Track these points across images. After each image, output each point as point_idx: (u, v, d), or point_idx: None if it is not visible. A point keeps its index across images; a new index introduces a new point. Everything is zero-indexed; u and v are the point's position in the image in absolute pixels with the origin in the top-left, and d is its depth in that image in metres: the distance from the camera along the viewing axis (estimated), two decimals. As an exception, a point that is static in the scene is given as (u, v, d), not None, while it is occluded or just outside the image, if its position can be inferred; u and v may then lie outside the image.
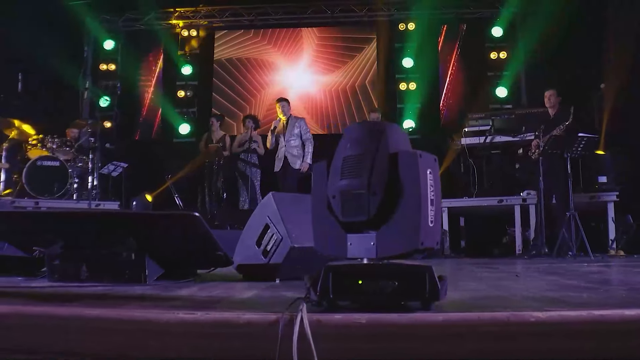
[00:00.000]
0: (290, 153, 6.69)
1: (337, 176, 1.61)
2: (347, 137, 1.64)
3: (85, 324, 1.37)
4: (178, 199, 7.94)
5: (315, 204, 1.67)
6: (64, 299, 1.71)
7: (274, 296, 1.83)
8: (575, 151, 4.90)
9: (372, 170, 1.54)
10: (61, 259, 2.25)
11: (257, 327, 1.35)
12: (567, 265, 3.75)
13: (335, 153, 1.66)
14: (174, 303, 1.66)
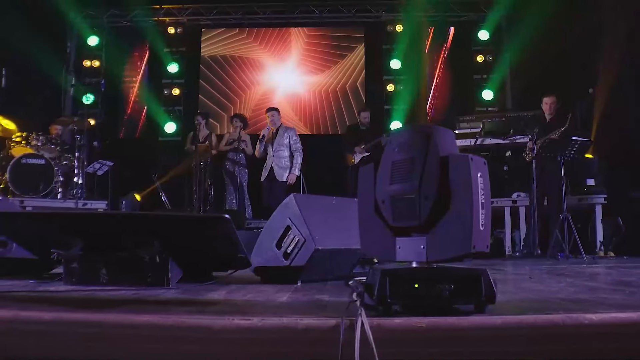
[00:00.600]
0: (277, 164, 6.58)
1: (386, 181, 1.61)
2: (395, 142, 1.64)
3: (137, 331, 1.33)
4: (165, 198, 7.81)
5: (362, 207, 1.66)
6: (104, 305, 1.66)
7: (312, 300, 1.81)
8: (568, 154, 5.01)
9: (423, 175, 1.54)
10: (80, 261, 2.18)
11: (316, 332, 1.33)
12: (567, 266, 3.83)
13: (382, 157, 1.66)
14: (215, 308, 1.63)
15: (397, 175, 1.59)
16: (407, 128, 1.66)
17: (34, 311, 1.39)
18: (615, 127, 5.67)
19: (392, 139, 1.65)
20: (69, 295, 1.86)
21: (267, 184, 6.62)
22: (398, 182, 1.58)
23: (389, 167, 1.62)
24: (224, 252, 2.20)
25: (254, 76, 9.58)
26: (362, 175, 1.68)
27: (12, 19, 7.37)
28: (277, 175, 6.57)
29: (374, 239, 1.64)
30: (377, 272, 1.44)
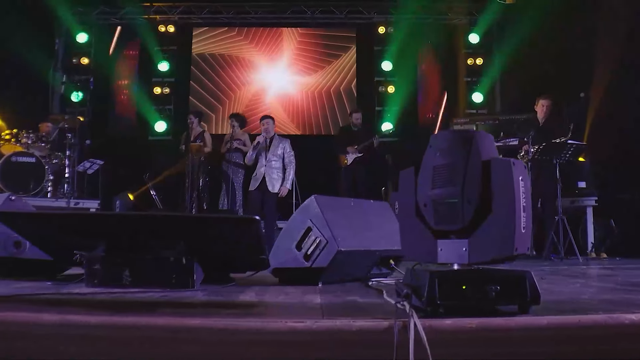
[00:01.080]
0: (270, 175, 6.34)
1: (427, 185, 1.63)
2: (435, 146, 1.66)
3: (190, 334, 1.33)
4: (156, 197, 7.73)
5: (403, 210, 1.68)
6: (145, 308, 1.65)
7: (346, 302, 1.82)
8: (564, 157, 5.12)
9: (465, 179, 1.57)
10: (102, 263, 2.15)
11: (370, 334, 1.35)
12: (568, 267, 3.91)
13: (422, 161, 1.68)
14: (258, 310, 1.63)
15: (439, 179, 1.62)
16: (448, 133, 1.68)
17: (81, 315, 1.38)
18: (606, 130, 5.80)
19: (432, 143, 1.67)
20: (101, 298, 1.84)
21: (257, 194, 6.34)
22: (440, 186, 1.61)
23: (430, 172, 1.64)
24: (248, 254, 2.20)
25: (245, 75, 9.55)
26: (403, 178, 1.70)
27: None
28: (269, 186, 6.32)
29: (414, 241, 1.66)
30: (425, 275, 1.46)
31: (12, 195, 2.62)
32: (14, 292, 1.97)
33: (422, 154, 6.42)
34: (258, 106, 9.39)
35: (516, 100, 8.33)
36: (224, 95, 9.51)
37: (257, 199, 6.31)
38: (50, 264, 2.59)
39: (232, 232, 1.99)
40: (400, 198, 1.71)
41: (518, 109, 7.68)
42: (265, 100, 9.41)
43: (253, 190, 6.37)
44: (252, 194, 6.39)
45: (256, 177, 6.43)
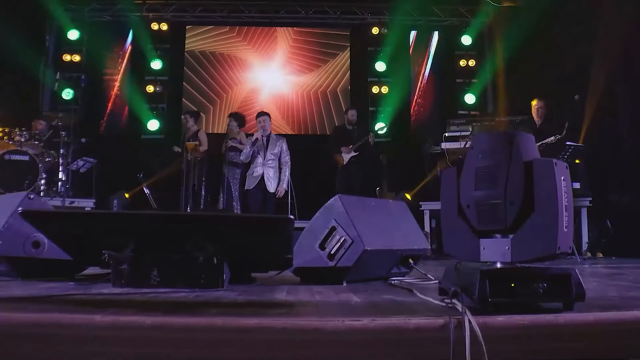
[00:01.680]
0: (267, 174, 6.27)
1: (470, 186, 1.66)
2: (477, 148, 1.69)
3: (247, 335, 1.33)
4: (151, 197, 7.66)
5: (446, 209, 1.71)
6: (191, 308, 1.65)
7: (385, 300, 1.84)
8: (562, 158, 5.22)
9: (508, 181, 1.61)
10: (130, 263, 2.13)
11: (427, 331, 1.37)
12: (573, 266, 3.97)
13: (464, 163, 1.71)
14: (306, 310, 1.64)
15: (481, 181, 1.65)
16: (489, 135, 1.71)
17: (137, 316, 1.37)
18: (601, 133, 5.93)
19: (474, 145, 1.70)
20: (139, 298, 1.83)
21: (258, 192, 6.26)
22: (482, 188, 1.64)
23: (472, 173, 1.67)
24: (276, 253, 2.20)
25: (239, 74, 9.51)
26: (445, 179, 1.73)
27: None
28: (268, 186, 6.27)
29: (457, 240, 1.69)
30: (474, 273, 1.49)
31: (31, 194, 2.58)
32: (44, 293, 1.95)
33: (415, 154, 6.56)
34: (252, 105, 9.36)
35: (508, 101, 8.46)
36: (216, 94, 9.46)
37: (258, 198, 6.24)
38: (69, 263, 2.56)
39: (265, 231, 2.00)
40: (442, 198, 1.73)
41: (510, 110, 7.81)
42: (259, 100, 9.39)
43: (252, 189, 6.28)
44: (251, 192, 6.29)
45: (253, 175, 6.32)
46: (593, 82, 5.78)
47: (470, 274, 1.50)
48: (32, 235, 2.51)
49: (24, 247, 2.49)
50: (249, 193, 6.36)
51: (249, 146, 6.34)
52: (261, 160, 6.30)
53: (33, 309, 1.49)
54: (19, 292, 1.96)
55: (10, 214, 2.49)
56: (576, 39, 6.63)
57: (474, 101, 9.09)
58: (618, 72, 5.60)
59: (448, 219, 1.71)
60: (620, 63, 5.58)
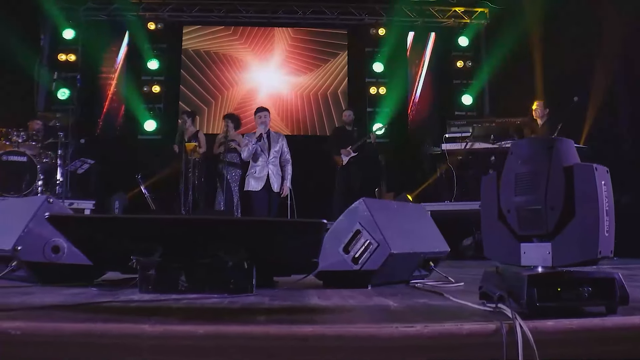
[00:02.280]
0: (273, 173, 5.99)
1: (510, 191, 1.68)
2: (517, 154, 1.70)
3: (305, 343, 1.32)
4: (149, 199, 7.59)
5: (486, 214, 1.72)
6: (234, 315, 1.64)
7: (421, 304, 1.85)
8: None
9: (548, 186, 1.62)
10: (157, 268, 2.11)
11: (479, 337, 1.38)
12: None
13: (504, 168, 1.72)
14: (349, 315, 1.63)
15: (522, 186, 1.66)
16: (529, 141, 1.72)
17: (188, 325, 1.35)
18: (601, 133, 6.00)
19: (514, 151, 1.71)
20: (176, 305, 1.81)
21: (264, 194, 5.98)
22: (523, 193, 1.65)
23: (512, 179, 1.68)
24: (304, 257, 2.20)
25: (236, 74, 9.48)
26: (485, 184, 1.74)
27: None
28: (273, 186, 6.00)
29: (497, 244, 1.70)
30: (520, 277, 1.50)
31: (50, 197, 2.54)
32: (76, 300, 1.92)
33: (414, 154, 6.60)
34: (249, 106, 9.32)
35: (505, 103, 8.54)
36: (213, 94, 9.41)
37: (265, 199, 5.97)
38: (88, 269, 2.53)
39: (298, 236, 1.99)
40: (482, 203, 1.74)
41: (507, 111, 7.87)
42: (256, 100, 9.35)
43: (259, 190, 5.96)
44: (258, 194, 5.98)
45: (257, 175, 6.00)
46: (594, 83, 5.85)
47: (516, 278, 1.51)
48: (51, 240, 2.48)
49: (44, 252, 2.46)
50: (254, 194, 6.03)
51: (253, 143, 5.94)
52: (265, 159, 5.99)
53: (77, 319, 1.47)
54: (50, 298, 1.93)
55: (29, 218, 2.45)
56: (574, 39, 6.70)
57: (471, 102, 9.16)
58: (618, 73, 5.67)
59: (488, 223, 1.72)
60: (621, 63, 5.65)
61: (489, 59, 8.91)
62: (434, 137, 7.72)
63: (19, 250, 2.38)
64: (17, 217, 2.55)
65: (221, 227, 1.99)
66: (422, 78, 9.57)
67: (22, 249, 2.38)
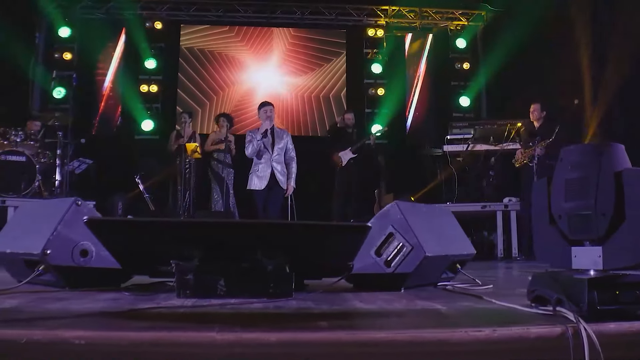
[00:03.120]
0: (276, 170, 5.68)
1: (560, 197, 1.70)
2: (567, 160, 1.72)
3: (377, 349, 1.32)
4: (149, 199, 7.53)
5: (537, 218, 1.74)
6: (294, 321, 1.63)
7: (468, 307, 1.85)
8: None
9: (598, 192, 1.65)
10: (195, 272, 2.09)
11: (546, 340, 1.39)
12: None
13: (555, 173, 1.74)
14: (407, 321, 1.63)
15: (572, 192, 1.68)
16: (579, 147, 1.74)
17: (258, 332, 1.34)
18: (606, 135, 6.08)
19: (564, 157, 1.73)
20: (222, 311, 1.79)
21: (267, 192, 5.67)
22: (573, 199, 1.67)
23: (562, 184, 1.70)
24: (342, 260, 2.19)
25: (234, 74, 9.42)
26: (536, 189, 1.76)
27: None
28: (280, 183, 5.72)
29: (549, 248, 1.73)
30: (578, 281, 1.52)
31: (78, 200, 2.50)
32: (117, 306, 1.89)
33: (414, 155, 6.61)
34: (247, 106, 9.30)
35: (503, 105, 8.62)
36: (209, 94, 9.35)
37: (267, 199, 5.71)
38: (115, 272, 2.49)
39: (342, 239, 1.99)
40: (534, 207, 1.76)
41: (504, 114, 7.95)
42: (255, 100, 9.30)
43: (262, 190, 5.65)
44: (260, 194, 5.67)
45: (260, 174, 5.68)
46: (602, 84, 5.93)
47: (574, 282, 1.53)
48: (80, 243, 2.44)
49: (72, 255, 2.42)
50: (257, 193, 5.71)
51: (258, 139, 5.61)
52: (268, 157, 5.68)
53: (137, 327, 1.45)
54: (89, 304, 1.90)
55: (58, 221, 2.41)
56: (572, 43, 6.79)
57: (468, 104, 9.23)
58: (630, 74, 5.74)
59: (540, 227, 1.74)
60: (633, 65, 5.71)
61: (487, 61, 8.98)
62: (432, 139, 7.77)
63: (48, 254, 2.34)
64: (45, 219, 2.50)
65: (263, 230, 1.98)
66: (420, 80, 9.61)
67: (51, 252, 2.34)
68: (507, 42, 8.20)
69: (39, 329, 1.36)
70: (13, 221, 2.81)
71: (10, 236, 2.68)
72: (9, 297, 2.10)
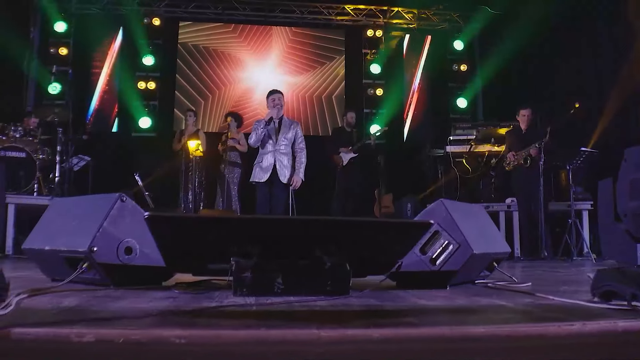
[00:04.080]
0: (280, 162, 5.29)
1: (625, 197, 1.75)
2: (631, 160, 1.77)
3: (475, 344, 1.33)
4: (148, 197, 7.43)
5: (603, 217, 1.78)
6: (378, 317, 1.64)
7: (532, 304, 1.88)
8: (575, 163, 5.48)
9: (664, 191, 1.69)
10: (253, 270, 2.09)
11: (632, 334, 1.42)
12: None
13: (619, 174, 1.79)
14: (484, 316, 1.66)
15: (636, 192, 1.73)
16: (644, 147, 1.79)
17: (361, 329, 1.35)
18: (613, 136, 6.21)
19: (627, 157, 1.78)
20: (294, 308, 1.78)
21: (269, 186, 5.31)
22: (638, 198, 1.72)
23: (627, 184, 1.75)
24: (393, 257, 2.21)
25: (233, 72, 9.35)
26: (602, 188, 1.80)
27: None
28: (280, 176, 5.29)
29: (614, 245, 1.77)
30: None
31: (123, 196, 2.46)
32: (185, 305, 1.87)
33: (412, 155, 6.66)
34: (246, 104, 9.26)
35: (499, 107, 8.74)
36: (207, 92, 9.26)
37: (268, 193, 5.31)
38: (158, 270, 2.47)
39: (402, 236, 2.00)
40: (599, 207, 1.81)
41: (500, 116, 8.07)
42: (253, 99, 9.28)
43: (263, 182, 5.27)
44: (261, 187, 5.30)
45: (263, 165, 5.31)
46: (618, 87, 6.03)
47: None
48: (124, 240, 2.41)
49: (118, 253, 2.38)
50: (258, 186, 5.35)
51: (262, 127, 5.24)
52: (271, 147, 5.31)
53: (234, 325, 1.44)
54: (151, 303, 1.88)
55: (103, 217, 2.37)
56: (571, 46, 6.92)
57: (465, 105, 9.33)
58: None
59: (606, 225, 1.79)
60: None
61: (484, 63, 9.11)
62: (430, 139, 7.84)
63: (95, 251, 2.30)
64: (87, 216, 2.47)
65: (324, 227, 1.98)
66: (418, 80, 9.69)
67: (97, 250, 2.30)
68: (505, 45, 8.31)
69: (133, 328, 1.33)
70: (46, 218, 2.75)
71: (47, 233, 2.63)
72: (60, 296, 2.06)
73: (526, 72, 8.48)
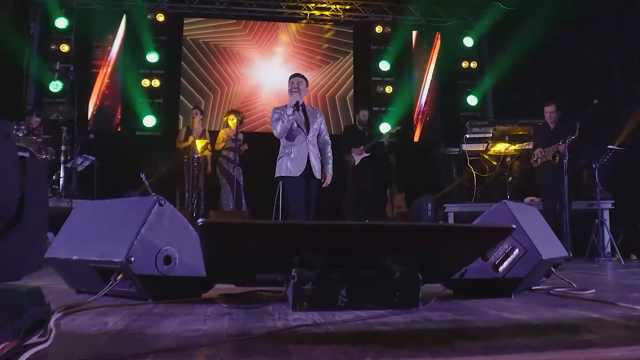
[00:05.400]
0: (314, 154, 4.62)
1: None
2: None
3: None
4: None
5: None
6: (478, 337, 1.45)
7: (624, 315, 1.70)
8: (602, 161, 5.32)
9: None
10: (315, 282, 1.89)
11: None
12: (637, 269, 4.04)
13: None
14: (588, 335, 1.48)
15: None
16: None
17: (476, 356, 1.16)
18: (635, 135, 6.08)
19: None
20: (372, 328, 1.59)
21: (302, 181, 4.57)
22: None
23: None
24: (462, 264, 2.03)
25: (239, 69, 9.11)
26: None
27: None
28: (314, 171, 4.59)
29: None
30: None
31: (162, 199, 2.25)
32: (252, 327, 1.67)
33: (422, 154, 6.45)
34: (253, 102, 9.04)
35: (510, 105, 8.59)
36: (213, 89, 9.02)
37: (303, 189, 4.60)
38: (197, 281, 2.27)
39: (482, 242, 1.81)
40: None
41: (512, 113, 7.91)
42: (260, 97, 9.06)
43: (297, 176, 4.55)
44: (295, 181, 4.56)
45: (295, 157, 4.57)
46: None
47: None
48: (163, 249, 2.20)
49: (156, 263, 2.18)
50: (291, 181, 4.59)
51: (289, 114, 4.54)
52: (303, 138, 4.62)
53: (329, 351, 1.25)
54: (212, 324, 1.68)
55: (140, 223, 2.16)
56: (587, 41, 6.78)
57: (476, 103, 9.18)
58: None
59: None
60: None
61: (495, 60, 8.94)
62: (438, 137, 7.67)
63: (133, 261, 2.09)
64: (121, 222, 2.26)
65: (398, 233, 1.79)
66: (428, 78, 9.52)
67: (135, 260, 2.09)
68: (516, 41, 8.15)
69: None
70: (71, 223, 2.53)
71: (74, 241, 2.42)
72: (100, 313, 1.85)
73: (539, 69, 8.32)
